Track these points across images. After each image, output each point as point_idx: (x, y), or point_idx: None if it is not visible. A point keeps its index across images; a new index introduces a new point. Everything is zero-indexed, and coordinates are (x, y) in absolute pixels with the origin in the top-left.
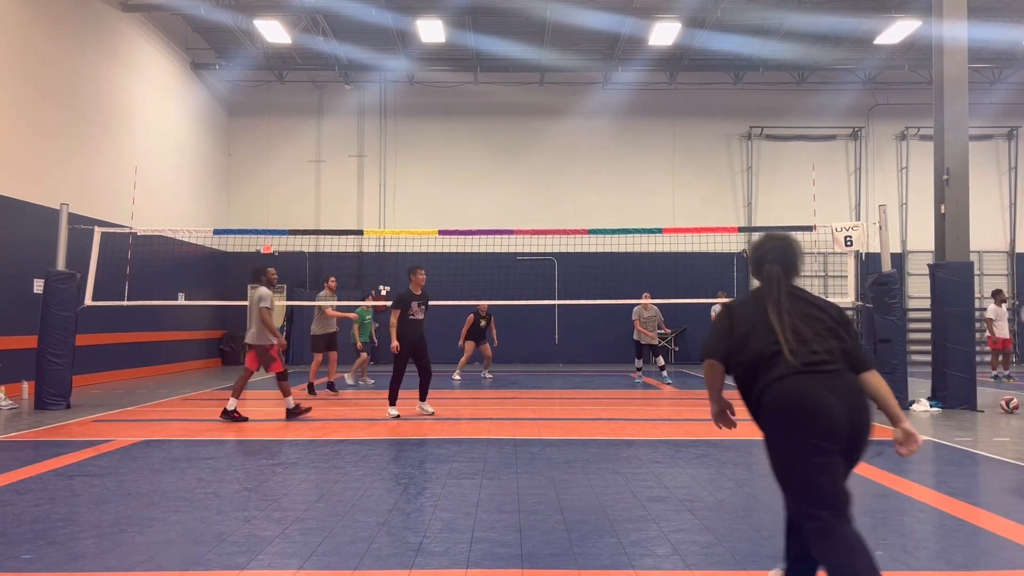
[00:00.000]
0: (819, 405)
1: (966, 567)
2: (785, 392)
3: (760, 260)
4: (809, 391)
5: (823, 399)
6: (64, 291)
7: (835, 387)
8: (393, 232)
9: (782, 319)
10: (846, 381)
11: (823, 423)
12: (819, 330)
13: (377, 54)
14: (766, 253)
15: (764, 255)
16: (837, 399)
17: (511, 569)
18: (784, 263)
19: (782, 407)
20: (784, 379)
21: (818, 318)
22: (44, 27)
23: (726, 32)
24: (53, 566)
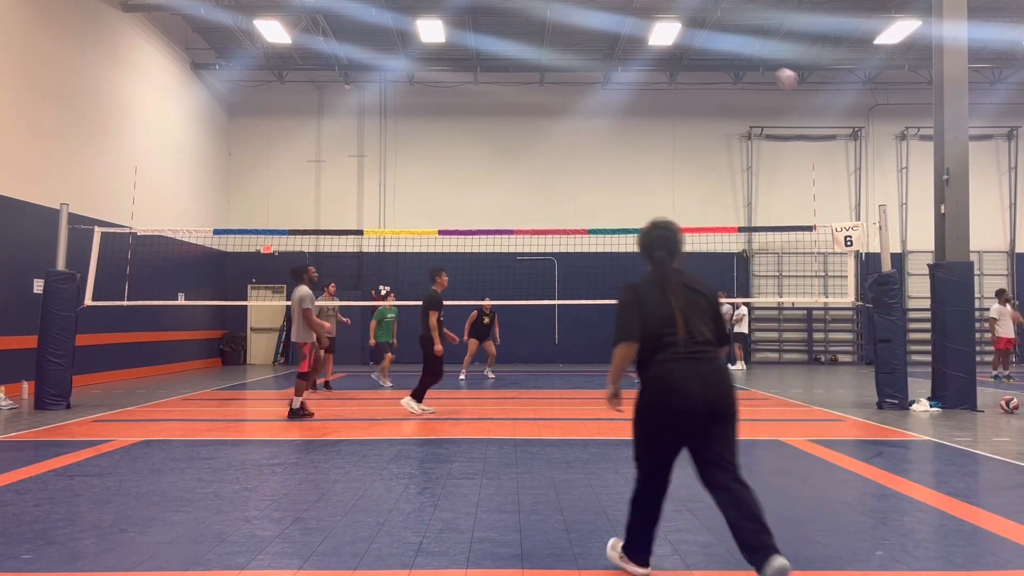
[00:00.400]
0: (683, 388)
1: (966, 567)
2: (664, 372)
3: (649, 247)
4: (677, 375)
5: (687, 383)
6: (64, 291)
7: (702, 372)
8: (393, 232)
9: (682, 309)
10: (713, 366)
11: (684, 403)
12: (703, 318)
13: (377, 54)
14: (654, 240)
15: (652, 242)
16: (701, 384)
17: (511, 569)
18: (670, 249)
19: (657, 385)
20: (667, 362)
21: (702, 306)
22: (44, 27)
23: (726, 32)
24: (53, 566)
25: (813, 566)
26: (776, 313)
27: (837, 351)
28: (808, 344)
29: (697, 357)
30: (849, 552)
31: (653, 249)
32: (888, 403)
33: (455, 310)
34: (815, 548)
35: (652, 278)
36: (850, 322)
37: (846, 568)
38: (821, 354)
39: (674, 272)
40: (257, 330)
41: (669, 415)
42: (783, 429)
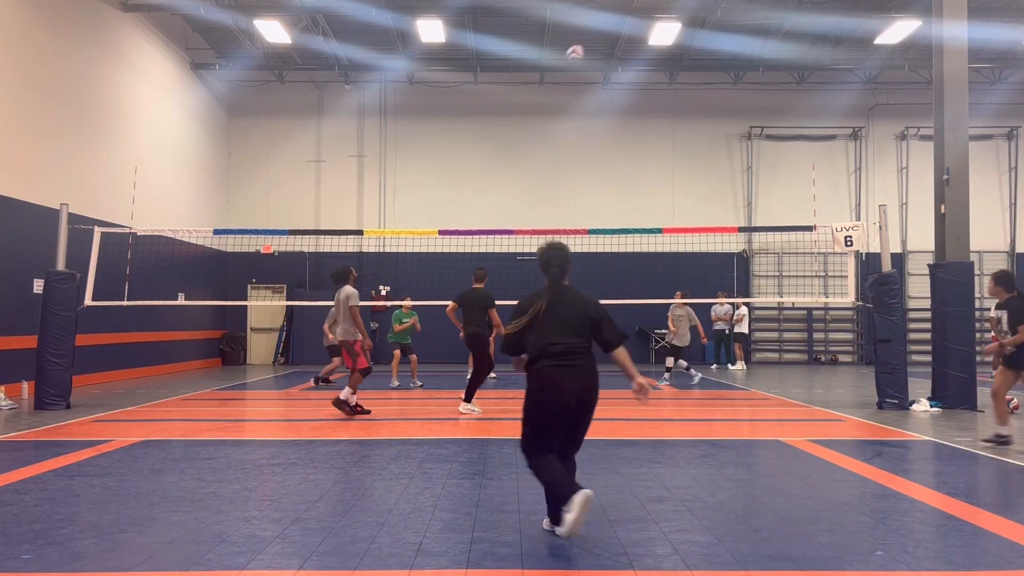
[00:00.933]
0: (561, 389)
1: (966, 567)
2: (544, 375)
3: (547, 264)
4: (557, 378)
5: (564, 385)
6: (64, 291)
7: (575, 375)
8: (393, 232)
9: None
10: (584, 369)
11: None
12: (576, 328)
13: (377, 54)
14: (551, 259)
15: (550, 260)
16: (574, 384)
17: (511, 569)
18: (563, 267)
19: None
20: (544, 366)
21: (578, 318)
22: (44, 27)
23: (726, 32)
24: (53, 566)
25: (813, 566)
26: (776, 313)
27: (837, 351)
28: (808, 344)
29: (565, 364)
30: (849, 552)
31: (551, 266)
32: (888, 403)
33: None
34: (815, 548)
35: (537, 293)
36: (850, 322)
37: (846, 568)
38: (821, 354)
39: (561, 288)
40: (257, 330)
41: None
42: (783, 429)
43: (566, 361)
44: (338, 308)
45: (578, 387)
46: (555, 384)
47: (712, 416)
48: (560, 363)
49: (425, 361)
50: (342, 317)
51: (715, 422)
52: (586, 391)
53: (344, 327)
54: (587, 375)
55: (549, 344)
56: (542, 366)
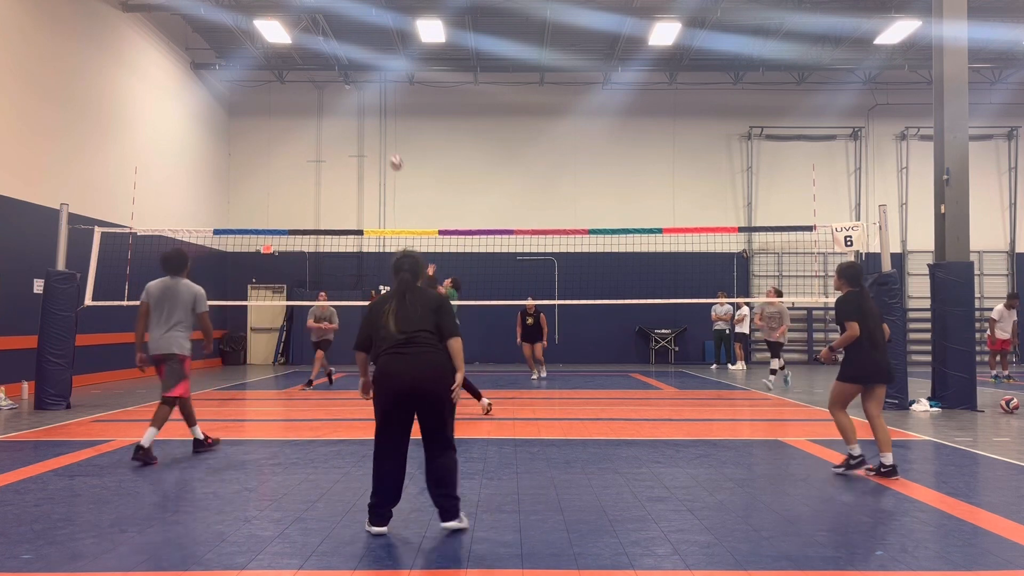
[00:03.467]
0: (393, 376)
1: (966, 567)
2: (380, 365)
3: (398, 268)
4: (391, 366)
5: (397, 371)
6: (64, 291)
7: (408, 361)
8: (393, 232)
9: (395, 314)
10: (419, 356)
11: (393, 387)
12: (414, 319)
13: (377, 54)
14: (402, 264)
15: (400, 265)
16: (407, 370)
17: (511, 569)
18: (413, 272)
19: (378, 374)
20: (381, 356)
21: (419, 312)
22: (44, 27)
23: (726, 32)
24: (53, 566)
25: (813, 566)
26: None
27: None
28: (808, 344)
29: (401, 352)
30: (849, 552)
31: (400, 270)
32: (888, 403)
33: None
34: (815, 548)
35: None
36: None
37: (846, 568)
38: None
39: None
40: (257, 330)
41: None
42: (783, 429)
43: (403, 349)
44: (169, 307)
45: (414, 372)
46: (391, 371)
47: (712, 416)
48: (398, 351)
49: None
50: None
51: (715, 422)
52: (424, 376)
53: (174, 335)
54: (424, 361)
55: (393, 334)
56: (382, 355)
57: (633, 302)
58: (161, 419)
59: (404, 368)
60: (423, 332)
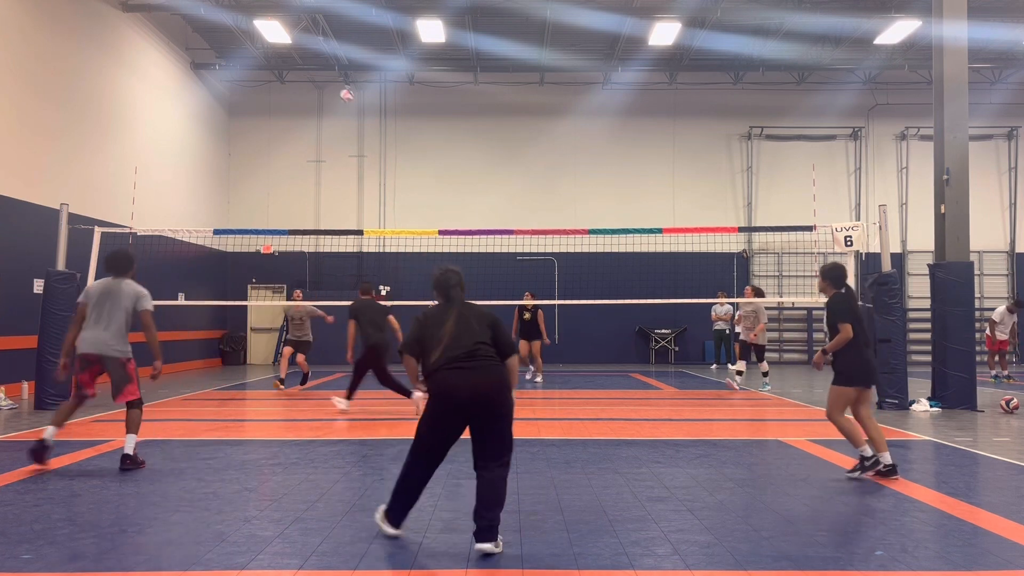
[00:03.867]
0: (456, 389)
1: (966, 567)
2: (439, 379)
3: (448, 284)
4: (452, 379)
5: (460, 385)
6: (64, 291)
7: (471, 375)
8: (393, 232)
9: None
10: (483, 370)
11: (455, 400)
12: (474, 333)
13: (377, 54)
14: (451, 280)
15: (450, 281)
16: (471, 384)
17: (511, 569)
18: (461, 287)
19: (438, 388)
20: (441, 370)
21: (476, 327)
22: (44, 27)
23: (726, 32)
24: (53, 566)
25: (813, 566)
26: (776, 313)
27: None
28: (808, 344)
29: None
30: (849, 552)
31: (450, 287)
32: (888, 403)
33: None
34: (815, 548)
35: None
36: None
37: (846, 568)
38: None
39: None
40: (257, 330)
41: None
42: (783, 429)
43: (465, 363)
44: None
45: (479, 385)
46: (453, 384)
47: (712, 416)
48: (460, 366)
49: None
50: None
51: (715, 422)
52: (486, 390)
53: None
54: (488, 374)
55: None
56: (439, 369)
57: (633, 302)
58: (135, 423)
59: (468, 382)
60: (483, 346)
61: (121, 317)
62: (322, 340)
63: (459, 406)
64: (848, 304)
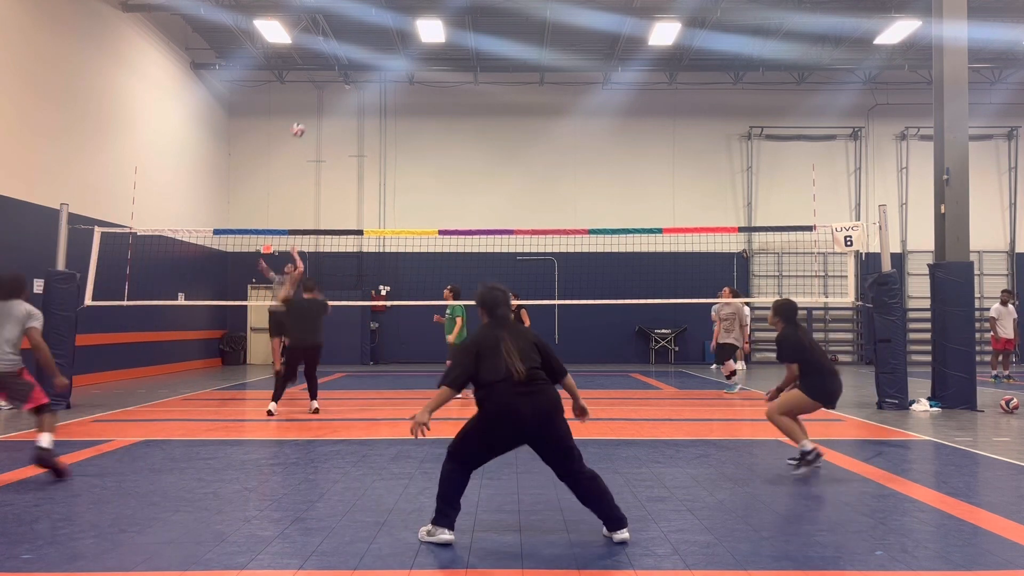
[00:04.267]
0: (520, 415)
1: (966, 567)
2: (502, 402)
3: (494, 304)
4: (515, 404)
5: (523, 411)
6: (64, 291)
7: (533, 402)
8: (393, 232)
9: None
10: (541, 395)
11: (518, 426)
12: (528, 357)
13: (377, 54)
14: (496, 298)
15: (498, 300)
16: (534, 411)
17: (511, 569)
18: (508, 306)
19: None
20: (503, 393)
21: (528, 350)
22: (44, 27)
23: (726, 32)
24: (53, 566)
25: (813, 566)
26: None
27: (837, 351)
28: None
29: (522, 392)
30: (849, 552)
31: (498, 306)
32: (888, 403)
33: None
34: (815, 548)
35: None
36: (850, 322)
37: (846, 568)
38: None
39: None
40: (257, 330)
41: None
42: None
43: (525, 388)
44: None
45: (540, 412)
46: (517, 410)
47: (712, 416)
48: (520, 391)
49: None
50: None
51: (715, 422)
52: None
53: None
54: (546, 400)
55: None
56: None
57: (633, 302)
58: (50, 425)
59: (530, 408)
60: (537, 370)
61: (13, 332)
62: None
63: (522, 430)
64: (792, 343)
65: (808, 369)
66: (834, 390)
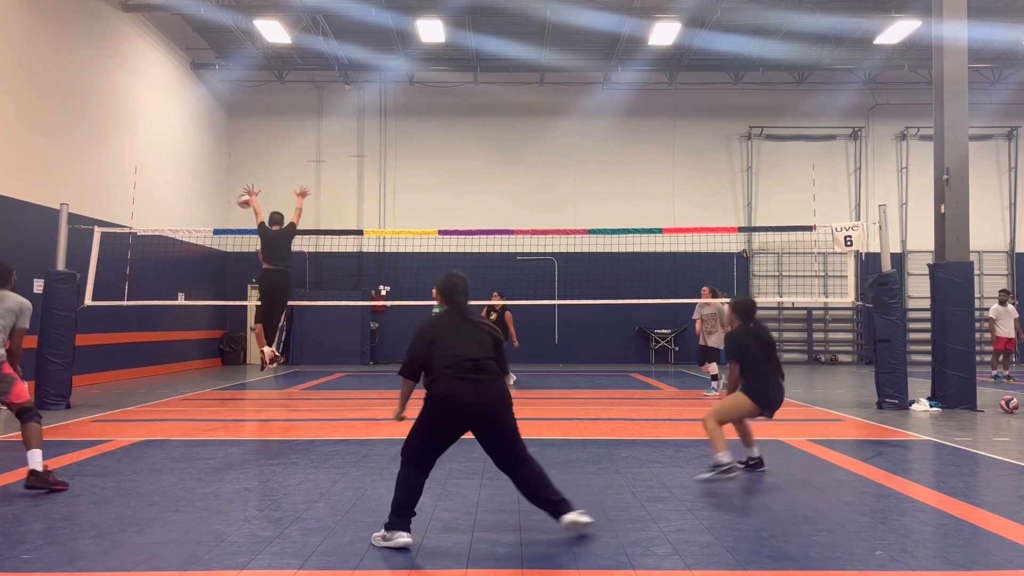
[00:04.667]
0: (464, 402)
1: (966, 567)
2: (446, 388)
3: (452, 291)
4: (459, 390)
5: (467, 398)
6: (64, 291)
7: (480, 389)
8: (393, 232)
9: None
10: (489, 384)
11: (462, 414)
12: (483, 346)
13: (377, 54)
14: (454, 285)
15: (457, 288)
16: (479, 398)
17: (511, 569)
18: (466, 294)
19: (444, 397)
20: (448, 379)
21: (482, 339)
22: (44, 27)
23: (726, 32)
24: (53, 566)
25: (813, 566)
26: (776, 313)
27: (837, 351)
28: (808, 344)
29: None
30: (849, 552)
31: (455, 294)
32: (888, 403)
33: None
34: (815, 548)
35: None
36: (850, 322)
37: (846, 568)
38: (821, 354)
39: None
40: None
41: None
42: (783, 429)
43: (473, 375)
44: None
45: (485, 400)
46: (461, 397)
47: None
48: (466, 377)
49: None
50: None
51: None
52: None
53: None
54: (494, 389)
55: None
56: (447, 377)
57: (633, 302)
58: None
59: (476, 396)
60: (489, 360)
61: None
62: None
63: (465, 416)
64: (737, 343)
65: (751, 373)
66: (772, 398)
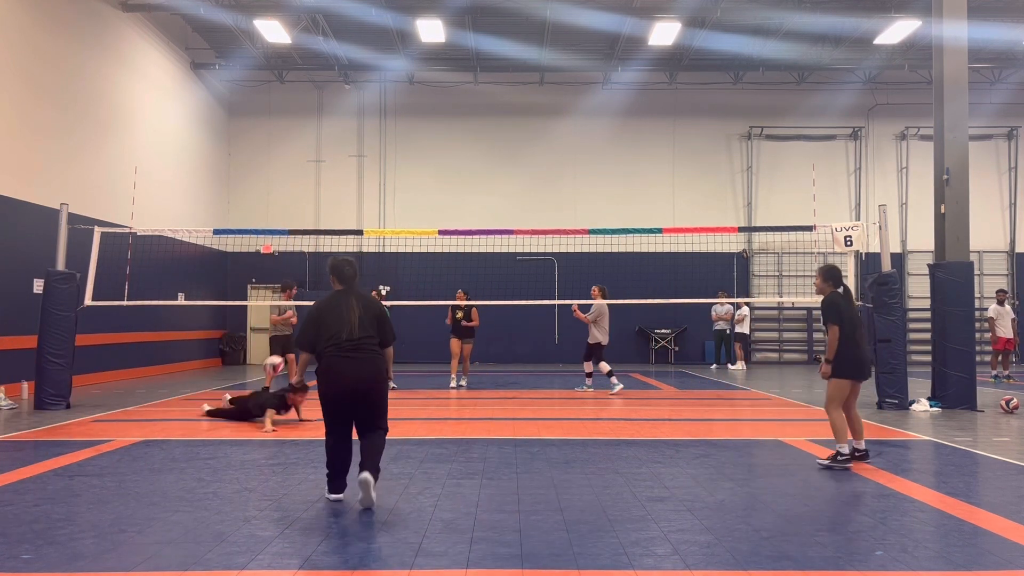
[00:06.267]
0: (342, 377)
1: (966, 567)
2: (328, 364)
3: (343, 273)
4: (339, 367)
5: (345, 373)
6: (64, 291)
7: (355, 365)
8: (393, 232)
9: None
10: (365, 361)
11: (341, 387)
12: (365, 325)
13: (377, 54)
14: (342, 268)
15: (346, 271)
16: (354, 373)
17: (511, 569)
18: (355, 276)
19: (327, 372)
20: (330, 356)
21: (366, 319)
22: (44, 27)
23: (726, 32)
24: (53, 566)
25: (813, 566)
26: (776, 313)
27: None
28: (808, 344)
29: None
30: (849, 552)
31: (344, 274)
32: (888, 403)
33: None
34: (815, 548)
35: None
36: None
37: (846, 568)
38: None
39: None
40: (257, 330)
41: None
42: (783, 429)
43: (351, 353)
44: None
45: (360, 375)
46: (340, 372)
47: (712, 416)
48: (346, 355)
49: (421, 361)
50: None
51: (715, 422)
52: (366, 379)
53: None
54: (369, 366)
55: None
56: (330, 356)
57: (633, 302)
58: None
59: (352, 371)
60: (369, 339)
61: None
62: None
63: (342, 390)
64: (837, 304)
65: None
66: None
